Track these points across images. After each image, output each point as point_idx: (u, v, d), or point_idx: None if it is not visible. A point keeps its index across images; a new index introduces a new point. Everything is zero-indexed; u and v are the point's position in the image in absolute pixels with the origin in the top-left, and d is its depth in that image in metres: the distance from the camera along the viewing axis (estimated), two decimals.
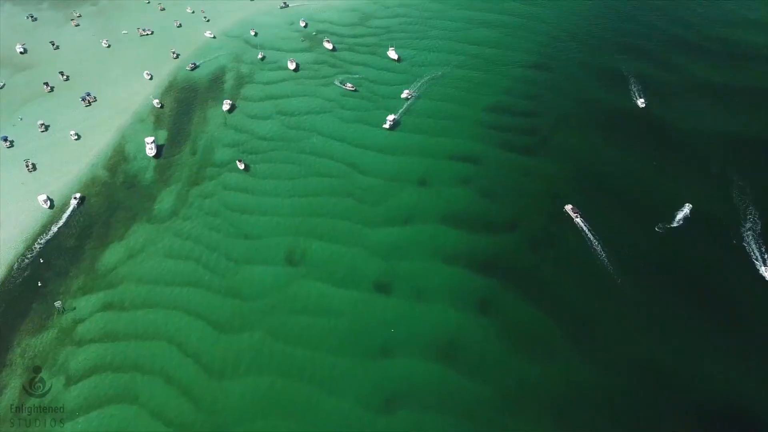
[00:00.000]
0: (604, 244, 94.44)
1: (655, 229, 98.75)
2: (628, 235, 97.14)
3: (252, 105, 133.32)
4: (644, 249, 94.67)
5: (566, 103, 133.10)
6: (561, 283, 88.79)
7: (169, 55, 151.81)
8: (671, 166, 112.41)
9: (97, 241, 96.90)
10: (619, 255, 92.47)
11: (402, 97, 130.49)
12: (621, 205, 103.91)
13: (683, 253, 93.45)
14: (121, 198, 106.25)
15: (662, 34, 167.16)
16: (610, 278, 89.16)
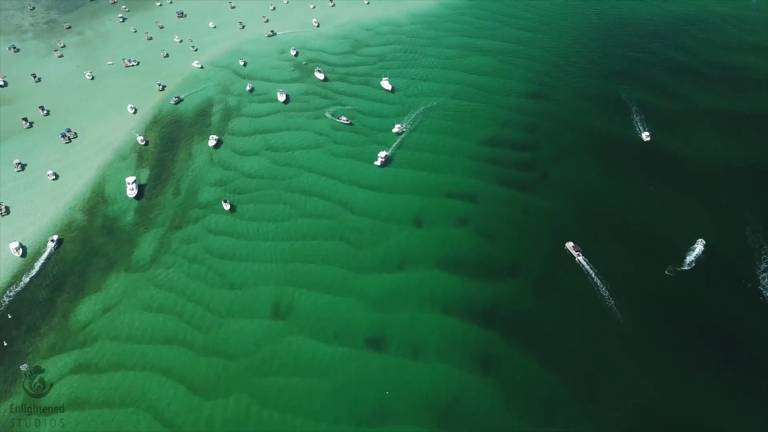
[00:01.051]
0: (611, 288, 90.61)
1: (665, 272, 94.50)
2: (637, 278, 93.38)
3: (239, 140, 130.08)
4: (654, 294, 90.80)
5: (566, 135, 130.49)
6: (566, 333, 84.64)
7: (154, 87, 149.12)
8: (679, 202, 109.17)
9: (72, 294, 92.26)
10: (627, 301, 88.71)
11: (394, 131, 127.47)
12: (627, 245, 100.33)
13: (696, 298, 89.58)
14: (99, 244, 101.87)
15: (663, 60, 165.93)
16: (619, 327, 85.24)
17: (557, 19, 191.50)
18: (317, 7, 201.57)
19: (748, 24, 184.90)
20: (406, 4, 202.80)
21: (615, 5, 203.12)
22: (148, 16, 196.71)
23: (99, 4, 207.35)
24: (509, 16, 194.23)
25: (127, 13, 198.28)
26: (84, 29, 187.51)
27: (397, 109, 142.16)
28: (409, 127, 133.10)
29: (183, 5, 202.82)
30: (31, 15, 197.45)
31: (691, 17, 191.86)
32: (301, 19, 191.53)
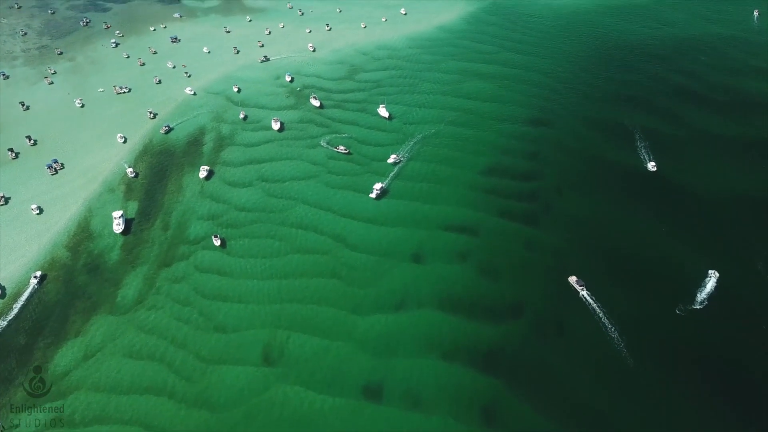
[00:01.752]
0: (620, 329, 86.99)
1: (676, 311, 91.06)
2: (646, 317, 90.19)
3: (232, 170, 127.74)
4: (665, 336, 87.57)
5: (569, 163, 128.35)
6: (573, 380, 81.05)
7: (145, 115, 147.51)
8: (687, 235, 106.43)
9: (51, 338, 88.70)
10: (637, 344, 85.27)
11: (389, 162, 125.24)
12: (635, 281, 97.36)
13: (710, 341, 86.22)
14: (82, 284, 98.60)
15: (666, 85, 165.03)
16: (628, 371, 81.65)
17: (557, 43, 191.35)
18: (313, 31, 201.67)
19: (751, 47, 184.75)
20: (404, 27, 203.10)
21: (615, 28, 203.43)
22: (141, 41, 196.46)
23: (92, 29, 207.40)
24: (508, 40, 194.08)
25: (121, 39, 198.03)
26: (76, 55, 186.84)
27: (395, 137, 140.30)
28: (406, 156, 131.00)
29: (177, 30, 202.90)
30: (23, 41, 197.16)
31: (693, 40, 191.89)
32: (296, 44, 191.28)
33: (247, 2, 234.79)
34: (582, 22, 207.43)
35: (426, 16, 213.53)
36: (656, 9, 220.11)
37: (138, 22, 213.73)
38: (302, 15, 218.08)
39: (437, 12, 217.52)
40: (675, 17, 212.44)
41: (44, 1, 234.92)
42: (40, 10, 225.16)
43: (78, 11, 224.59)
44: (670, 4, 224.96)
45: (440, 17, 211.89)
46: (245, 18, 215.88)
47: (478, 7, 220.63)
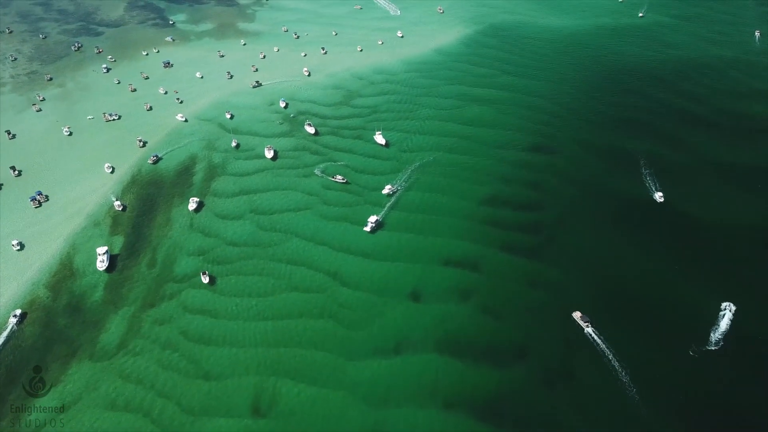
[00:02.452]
0: (631, 374, 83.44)
1: (689, 352, 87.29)
2: (658, 360, 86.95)
3: (223, 202, 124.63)
4: (679, 381, 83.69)
5: (572, 193, 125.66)
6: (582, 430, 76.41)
7: (135, 144, 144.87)
8: (699, 270, 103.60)
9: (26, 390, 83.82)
10: (649, 389, 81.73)
11: (384, 193, 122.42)
12: (645, 319, 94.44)
13: (727, 386, 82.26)
14: (62, 326, 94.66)
15: (669, 108, 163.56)
16: (641, 420, 76.95)
17: (557, 66, 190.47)
18: (309, 55, 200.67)
19: (754, 69, 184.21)
20: (400, 51, 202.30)
21: (615, 50, 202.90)
22: (133, 66, 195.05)
23: (84, 54, 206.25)
24: (507, 63, 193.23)
25: (113, 64, 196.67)
26: (66, 81, 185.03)
27: (392, 165, 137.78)
28: (402, 185, 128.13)
29: (170, 55, 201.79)
30: (12, 66, 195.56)
31: (695, 63, 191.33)
32: (291, 68, 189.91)
33: (242, 25, 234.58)
34: (582, 45, 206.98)
35: (423, 38, 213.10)
36: (656, 31, 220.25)
37: (130, 46, 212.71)
38: (297, 38, 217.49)
39: (434, 35, 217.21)
40: (676, 39, 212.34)
41: (36, 26, 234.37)
42: (32, 35, 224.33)
43: (70, 35, 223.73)
44: (669, 25, 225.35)
45: (437, 40, 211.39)
46: (239, 42, 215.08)
47: (476, 30, 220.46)
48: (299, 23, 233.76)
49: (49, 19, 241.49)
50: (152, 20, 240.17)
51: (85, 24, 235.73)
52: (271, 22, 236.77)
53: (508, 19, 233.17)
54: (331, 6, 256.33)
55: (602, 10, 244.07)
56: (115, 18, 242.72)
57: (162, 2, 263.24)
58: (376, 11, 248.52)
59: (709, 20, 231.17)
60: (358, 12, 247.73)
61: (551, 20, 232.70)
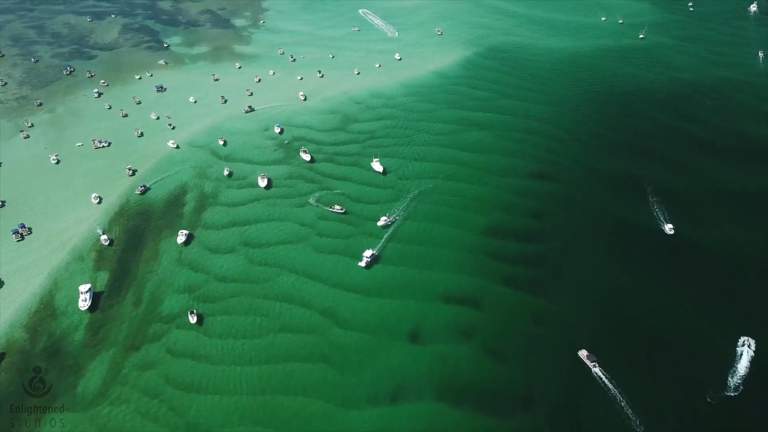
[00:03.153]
0: (644, 422, 78.23)
1: (706, 398, 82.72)
2: (674, 408, 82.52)
3: (213, 234, 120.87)
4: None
5: (577, 223, 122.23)
6: None
7: (124, 172, 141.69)
8: (714, 306, 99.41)
9: None
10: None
11: (379, 225, 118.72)
12: (657, 360, 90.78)
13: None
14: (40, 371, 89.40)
15: (673, 132, 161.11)
16: None
17: (558, 89, 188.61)
18: (305, 78, 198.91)
19: (760, 91, 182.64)
20: (398, 74, 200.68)
21: (617, 72, 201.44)
22: (125, 90, 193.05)
23: (76, 78, 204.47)
24: (507, 86, 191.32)
25: (105, 88, 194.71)
26: (56, 106, 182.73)
27: (389, 193, 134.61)
28: (400, 215, 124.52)
29: (163, 78, 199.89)
30: (2, 91, 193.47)
31: (698, 85, 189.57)
32: (287, 92, 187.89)
33: (238, 48, 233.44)
34: (583, 67, 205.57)
35: (421, 61, 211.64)
36: (657, 52, 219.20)
37: (123, 69, 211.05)
38: (294, 61, 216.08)
39: (432, 57, 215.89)
40: (677, 60, 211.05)
41: (28, 49, 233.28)
42: (23, 59, 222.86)
43: (62, 59, 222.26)
44: (671, 46, 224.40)
45: (436, 62, 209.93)
46: (234, 65, 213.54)
47: (475, 52, 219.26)
48: (296, 46, 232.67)
49: (42, 42, 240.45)
50: (146, 43, 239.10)
51: (79, 47, 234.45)
52: (267, 45, 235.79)
53: (507, 41, 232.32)
54: (328, 28, 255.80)
55: (602, 32, 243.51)
56: (108, 41, 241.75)
57: (157, 25, 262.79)
58: (373, 33, 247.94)
59: (711, 41, 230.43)
60: (355, 34, 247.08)
61: (551, 42, 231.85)
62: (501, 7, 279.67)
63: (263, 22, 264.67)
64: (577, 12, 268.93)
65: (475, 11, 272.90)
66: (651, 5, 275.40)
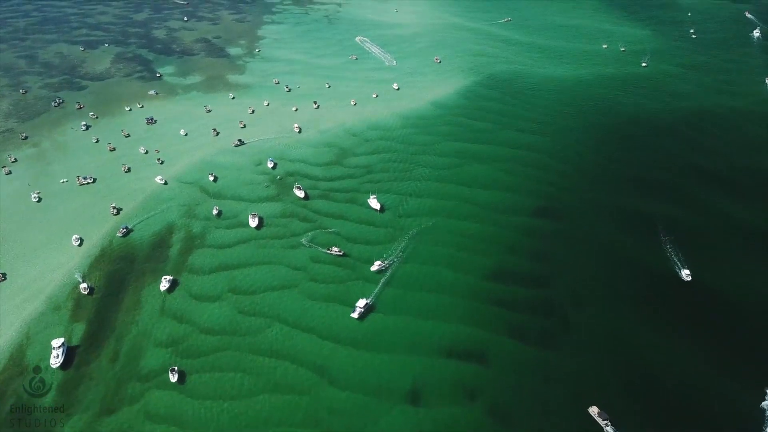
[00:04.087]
0: None
1: None
2: None
3: (199, 280, 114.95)
4: None
5: (585, 265, 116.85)
6: None
7: (108, 211, 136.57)
8: (738, 358, 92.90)
9: None
10: None
11: (373, 270, 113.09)
12: (674, 419, 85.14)
13: None
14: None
15: (683, 165, 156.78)
16: None
17: (560, 119, 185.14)
18: (300, 109, 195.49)
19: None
20: (396, 104, 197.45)
21: (621, 101, 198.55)
22: (114, 122, 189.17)
23: (64, 110, 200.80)
24: (508, 116, 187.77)
25: (94, 120, 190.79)
26: (41, 140, 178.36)
27: (387, 233, 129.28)
28: (399, 256, 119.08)
29: (154, 110, 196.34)
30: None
31: (706, 114, 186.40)
32: (281, 124, 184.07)
33: (231, 77, 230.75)
34: (586, 96, 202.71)
35: (419, 91, 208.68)
36: (661, 80, 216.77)
37: (114, 100, 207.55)
38: (289, 91, 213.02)
39: (431, 86, 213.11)
40: (683, 89, 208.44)
41: (18, 79, 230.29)
42: (11, 90, 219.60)
43: (52, 90, 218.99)
44: (675, 74, 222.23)
45: (434, 92, 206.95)
46: (228, 95, 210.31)
47: (475, 81, 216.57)
48: (291, 75, 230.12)
49: (32, 72, 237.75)
50: (139, 73, 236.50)
51: (69, 77, 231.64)
52: (261, 74, 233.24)
53: (507, 69, 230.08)
54: (325, 57, 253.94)
55: (604, 59, 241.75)
56: (100, 71, 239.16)
57: (151, 53, 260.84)
58: (371, 62, 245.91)
59: (716, 69, 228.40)
60: (352, 63, 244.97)
61: (552, 70, 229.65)
62: (500, 35, 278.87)
63: (258, 51, 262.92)
64: (578, 39, 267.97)
65: (474, 39, 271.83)
66: (652, 32, 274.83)
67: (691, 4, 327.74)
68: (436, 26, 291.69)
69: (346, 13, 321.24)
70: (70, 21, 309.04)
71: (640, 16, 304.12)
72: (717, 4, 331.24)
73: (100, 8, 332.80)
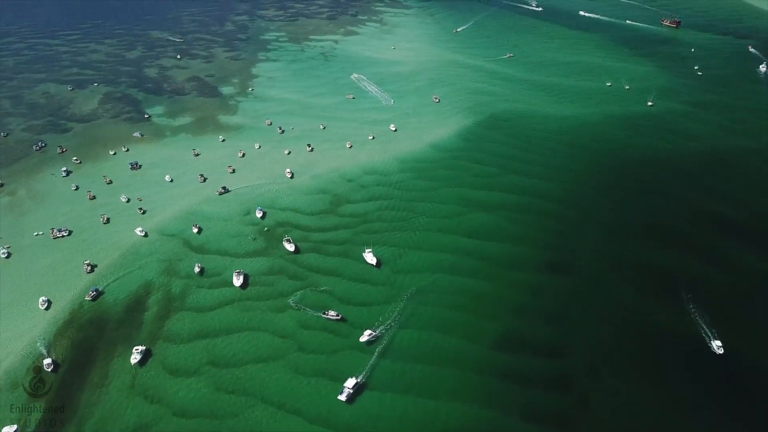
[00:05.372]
0: None
1: None
2: None
3: (176, 350, 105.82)
4: None
5: (603, 330, 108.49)
6: None
7: (81, 269, 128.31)
8: None
9: None
10: None
11: (362, 341, 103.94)
12: None
13: None
14: None
15: (699, 211, 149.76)
16: None
17: (566, 161, 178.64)
18: (293, 152, 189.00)
19: None
20: (393, 147, 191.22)
21: (629, 142, 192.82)
22: (97, 168, 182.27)
23: (46, 154, 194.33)
24: (511, 159, 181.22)
25: (76, 165, 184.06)
26: (18, 187, 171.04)
27: (384, 291, 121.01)
28: (396, 319, 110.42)
29: (139, 154, 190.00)
30: None
31: (719, 155, 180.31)
32: (273, 169, 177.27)
33: (223, 118, 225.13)
34: (591, 136, 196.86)
35: (418, 132, 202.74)
36: (669, 120, 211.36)
37: (98, 144, 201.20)
38: (282, 133, 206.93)
39: (430, 127, 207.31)
40: (692, 128, 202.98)
41: (0, 122, 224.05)
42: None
43: (35, 133, 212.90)
44: (683, 113, 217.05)
45: (434, 133, 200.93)
46: (218, 137, 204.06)
47: (475, 121, 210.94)
48: (285, 115, 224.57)
49: (16, 114, 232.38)
50: (127, 114, 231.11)
51: (54, 119, 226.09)
52: (254, 115, 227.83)
53: (509, 108, 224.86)
54: (320, 96, 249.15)
55: (608, 97, 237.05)
56: (87, 112, 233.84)
57: (140, 93, 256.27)
58: (368, 101, 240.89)
59: (725, 107, 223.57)
60: (348, 102, 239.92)
61: (556, 108, 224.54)
62: (501, 72, 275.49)
63: (252, 90, 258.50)
64: (581, 76, 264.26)
65: (473, 76, 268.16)
66: (657, 69, 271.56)
67: (693, 39, 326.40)
68: (434, 63, 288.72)
69: (342, 49, 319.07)
70: (61, 59, 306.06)
71: (643, 51, 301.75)
72: (719, 39, 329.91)
73: (93, 46, 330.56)
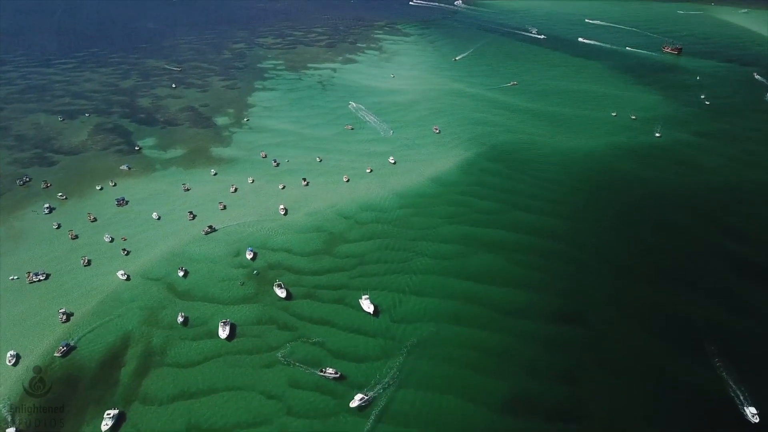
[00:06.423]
0: None
1: None
2: None
3: (152, 414, 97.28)
4: None
5: (623, 392, 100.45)
6: None
7: (56, 318, 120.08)
8: None
9: None
10: None
11: (352, 406, 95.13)
12: None
13: None
14: None
15: (716, 251, 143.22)
16: None
17: (574, 196, 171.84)
18: (287, 187, 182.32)
19: None
20: (392, 181, 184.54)
21: (638, 175, 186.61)
22: (82, 204, 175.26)
23: (30, 189, 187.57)
24: (515, 194, 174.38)
25: (61, 201, 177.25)
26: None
27: (381, 344, 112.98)
28: (395, 377, 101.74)
29: (127, 189, 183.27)
30: None
31: (733, 190, 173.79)
32: (266, 205, 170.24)
33: (216, 150, 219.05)
34: (599, 169, 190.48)
35: (418, 165, 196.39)
36: (679, 151, 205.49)
37: (85, 178, 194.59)
38: (277, 166, 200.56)
39: (431, 159, 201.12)
40: (703, 161, 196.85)
41: None
42: None
43: (20, 166, 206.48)
44: (693, 144, 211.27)
45: (434, 166, 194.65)
46: (210, 171, 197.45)
47: (477, 153, 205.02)
48: (280, 147, 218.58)
49: (2, 146, 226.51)
50: (117, 146, 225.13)
51: (41, 151, 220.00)
52: (248, 147, 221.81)
53: (511, 140, 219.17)
54: (317, 127, 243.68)
55: (613, 128, 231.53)
56: (75, 144, 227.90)
57: (132, 124, 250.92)
58: (366, 132, 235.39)
59: (735, 137, 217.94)
60: (346, 133, 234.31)
61: (560, 140, 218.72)
62: (502, 101, 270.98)
63: (247, 120, 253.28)
64: (585, 106, 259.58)
65: (474, 106, 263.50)
66: (662, 98, 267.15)
67: (696, 67, 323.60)
68: (435, 92, 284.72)
69: (341, 78, 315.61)
70: (53, 89, 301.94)
71: (647, 80, 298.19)
72: (723, 66, 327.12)
73: (87, 74, 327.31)
